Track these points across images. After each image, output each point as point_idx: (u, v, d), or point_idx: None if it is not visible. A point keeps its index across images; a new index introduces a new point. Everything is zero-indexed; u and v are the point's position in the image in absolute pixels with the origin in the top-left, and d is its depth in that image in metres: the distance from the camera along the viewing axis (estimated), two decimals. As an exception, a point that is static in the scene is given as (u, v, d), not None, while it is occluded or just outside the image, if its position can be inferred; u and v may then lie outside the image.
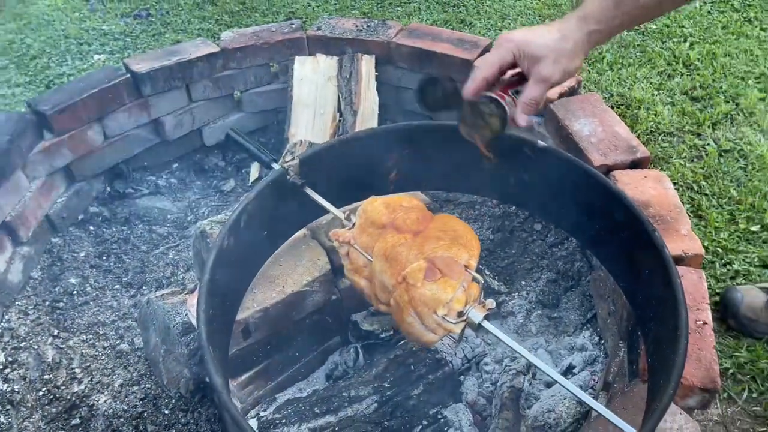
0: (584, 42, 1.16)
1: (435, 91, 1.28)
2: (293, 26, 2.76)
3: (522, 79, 1.25)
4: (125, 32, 3.64)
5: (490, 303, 1.23)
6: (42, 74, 3.29)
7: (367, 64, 2.59)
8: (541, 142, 1.56)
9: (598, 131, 2.04)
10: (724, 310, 2.00)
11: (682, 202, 2.34)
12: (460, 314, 1.24)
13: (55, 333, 2.16)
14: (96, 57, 3.44)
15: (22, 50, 3.47)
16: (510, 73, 1.26)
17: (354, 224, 1.42)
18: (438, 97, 1.28)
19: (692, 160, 2.58)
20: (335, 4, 3.84)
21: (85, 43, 3.55)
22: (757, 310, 1.93)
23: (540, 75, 1.18)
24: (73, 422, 1.91)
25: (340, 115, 2.51)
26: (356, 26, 2.72)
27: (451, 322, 1.23)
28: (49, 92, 2.50)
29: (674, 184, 2.44)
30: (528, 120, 1.24)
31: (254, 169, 2.68)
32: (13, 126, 2.24)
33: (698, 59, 3.11)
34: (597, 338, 1.89)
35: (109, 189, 2.66)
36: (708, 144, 2.64)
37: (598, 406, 1.15)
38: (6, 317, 2.16)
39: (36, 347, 2.10)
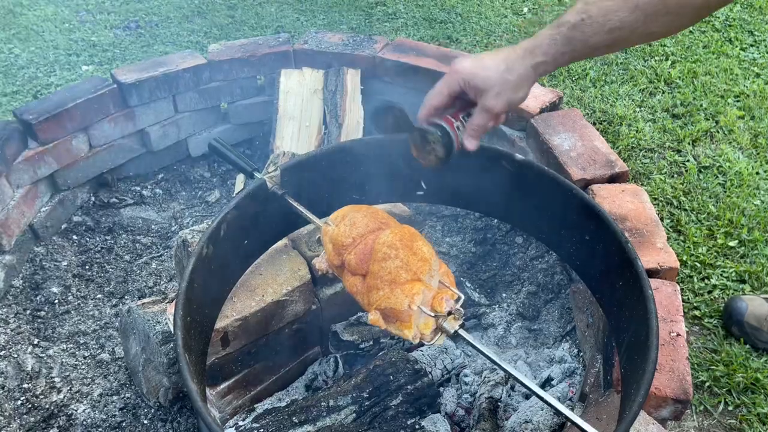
0: (529, 74, 1.19)
1: (387, 118, 1.34)
2: (280, 39, 2.79)
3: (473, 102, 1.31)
4: (114, 43, 3.65)
5: (458, 313, 1.27)
6: (29, 84, 3.30)
7: (352, 78, 2.62)
8: (519, 155, 1.59)
9: (577, 146, 2.07)
10: (728, 319, 2.03)
11: (662, 218, 2.39)
12: (437, 330, 1.29)
13: (36, 342, 2.15)
14: (84, 68, 3.45)
15: (10, 60, 3.47)
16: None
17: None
18: (390, 123, 1.35)
19: (672, 176, 2.62)
20: (324, 19, 3.88)
21: (74, 54, 3.56)
22: (761, 320, 1.96)
23: (484, 105, 1.23)
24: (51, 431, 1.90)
25: (325, 128, 2.53)
26: (342, 40, 2.75)
27: (429, 343, 1.30)
28: (35, 102, 2.51)
29: (654, 199, 2.48)
30: (476, 144, 1.30)
31: (239, 181, 2.69)
32: (-3, 134, 2.25)
33: (679, 77, 3.17)
34: (576, 350, 1.91)
35: (93, 198, 2.66)
36: (688, 160, 2.68)
37: (571, 415, 1.16)
38: (-14, 326, 2.15)
39: (15, 356, 2.09)
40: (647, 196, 1.90)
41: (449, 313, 1.27)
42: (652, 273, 1.64)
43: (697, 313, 2.12)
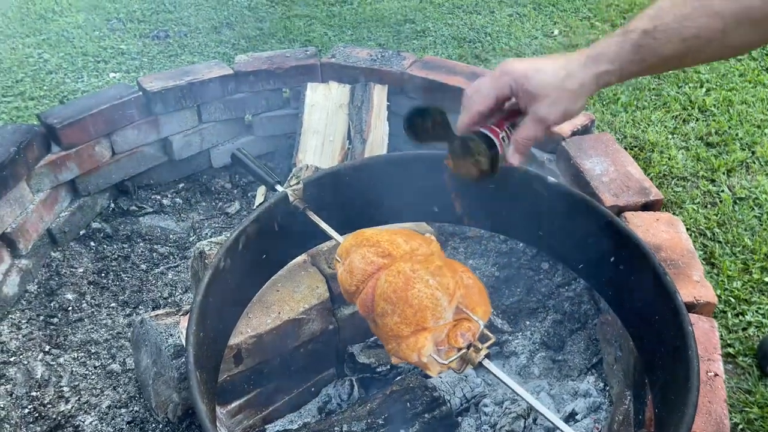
0: (591, 83, 1.06)
1: (424, 122, 1.19)
2: (308, 53, 2.77)
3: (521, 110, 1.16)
4: (142, 52, 3.67)
5: (475, 348, 1.22)
6: (57, 89, 3.31)
7: (379, 94, 2.58)
8: (551, 178, 1.52)
9: (610, 171, 2.00)
10: (763, 358, 1.95)
11: (697, 252, 2.29)
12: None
13: (47, 349, 2.11)
14: (111, 75, 3.46)
15: (39, 65, 3.50)
16: (509, 103, 1.17)
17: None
18: (427, 128, 1.19)
19: (706, 206, 2.53)
20: (352, 34, 3.87)
21: (102, 61, 3.58)
22: None
23: (536, 115, 1.10)
24: (57, 443, 1.86)
25: (350, 143, 2.49)
26: (370, 56, 2.72)
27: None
28: (61, 106, 2.50)
29: (686, 229, 2.39)
30: (521, 159, 1.16)
31: (260, 193, 2.65)
32: (20, 137, 2.23)
33: (714, 105, 3.08)
34: (602, 384, 1.82)
35: (113, 205, 2.64)
36: (722, 191, 2.59)
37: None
38: (-3, 330, 2.12)
39: (25, 363, 2.05)
40: (683, 226, 1.82)
41: (469, 346, 1.20)
42: (688, 307, 1.55)
43: (730, 350, 2.03)
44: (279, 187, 1.56)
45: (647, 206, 1.90)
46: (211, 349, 1.34)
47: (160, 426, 1.88)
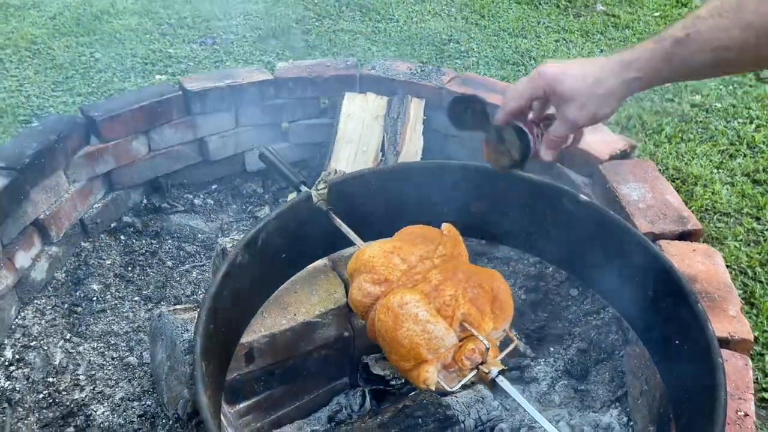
0: (621, 89, 1.09)
1: (465, 111, 1.31)
2: (348, 63, 2.77)
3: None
4: (189, 56, 3.74)
5: (485, 367, 1.19)
6: (104, 87, 3.39)
7: (416, 107, 2.56)
8: (583, 196, 1.47)
9: (647, 197, 1.93)
10: None
11: (734, 287, 2.19)
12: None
13: (68, 337, 2.12)
14: (158, 77, 3.53)
15: (90, 63, 3.60)
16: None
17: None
18: (467, 118, 1.32)
19: (749, 244, 2.43)
20: (395, 51, 3.88)
21: (150, 63, 3.66)
22: None
23: (565, 116, 1.16)
24: (68, 430, 1.85)
25: (382, 155, 2.47)
26: (410, 69, 2.71)
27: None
28: (103, 100, 2.55)
29: (727, 266, 2.28)
30: (553, 156, 1.23)
31: (290, 199, 2.65)
32: (62, 127, 2.28)
33: (764, 142, 2.98)
34: (625, 419, 1.74)
35: (145, 201, 2.67)
36: (767, 229, 2.48)
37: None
38: (22, 314, 2.15)
39: (45, 348, 2.07)
40: (721, 259, 1.74)
41: (479, 366, 1.18)
42: (722, 343, 1.47)
43: (766, 395, 1.92)
44: (303, 188, 1.54)
45: (684, 236, 1.82)
46: (221, 343, 1.32)
47: (170, 422, 1.86)
